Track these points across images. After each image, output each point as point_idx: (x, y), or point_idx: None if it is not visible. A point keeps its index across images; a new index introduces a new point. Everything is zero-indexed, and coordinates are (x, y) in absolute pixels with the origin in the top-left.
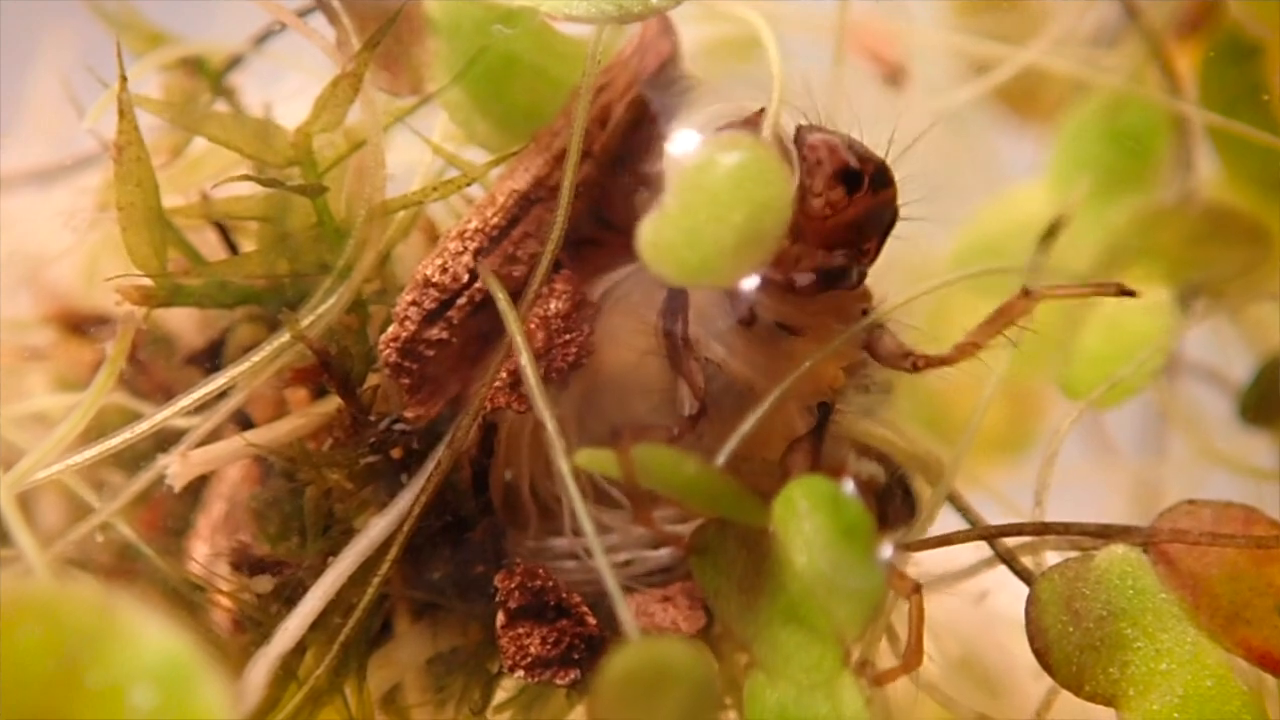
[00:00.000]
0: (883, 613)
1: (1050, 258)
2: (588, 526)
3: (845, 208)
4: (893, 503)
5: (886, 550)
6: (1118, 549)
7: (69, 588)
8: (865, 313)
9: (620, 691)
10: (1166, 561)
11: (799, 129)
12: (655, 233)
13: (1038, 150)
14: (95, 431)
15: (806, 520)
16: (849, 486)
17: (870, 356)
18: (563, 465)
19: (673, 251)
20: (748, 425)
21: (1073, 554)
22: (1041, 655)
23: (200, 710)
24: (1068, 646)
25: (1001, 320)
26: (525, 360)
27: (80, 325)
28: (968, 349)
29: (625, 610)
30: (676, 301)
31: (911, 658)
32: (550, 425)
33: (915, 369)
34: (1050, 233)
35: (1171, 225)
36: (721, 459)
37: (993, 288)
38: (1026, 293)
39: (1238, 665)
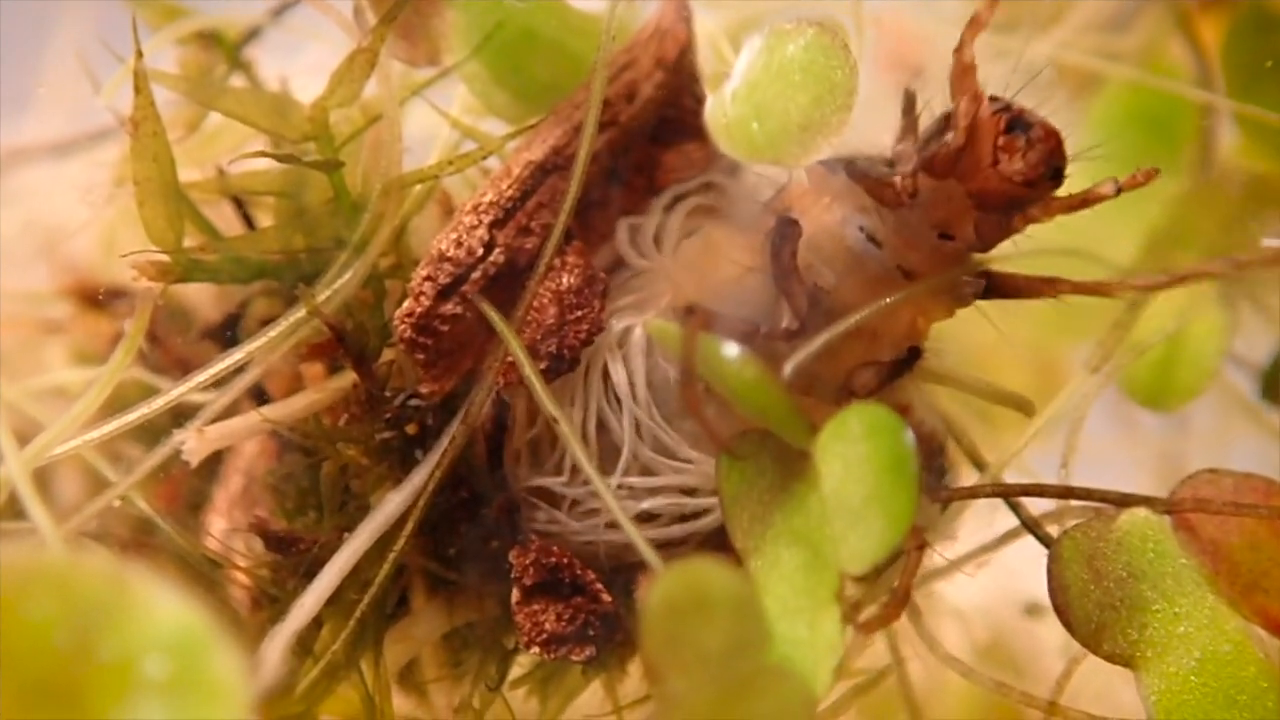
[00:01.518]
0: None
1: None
2: (610, 500)
3: (1038, 193)
4: (934, 460)
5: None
6: (1139, 512)
7: (83, 559)
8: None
9: (665, 624)
10: (1187, 528)
11: (991, 98)
12: (723, 108)
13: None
14: (113, 406)
15: (856, 444)
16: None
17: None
18: (579, 455)
19: (740, 127)
20: (824, 337)
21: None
22: (1062, 611)
23: (214, 682)
24: (1088, 604)
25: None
26: (521, 356)
27: (97, 299)
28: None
29: (649, 552)
30: (787, 226)
31: (893, 607)
32: (560, 418)
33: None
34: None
35: (1208, 209)
36: (790, 367)
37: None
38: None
39: (1255, 633)
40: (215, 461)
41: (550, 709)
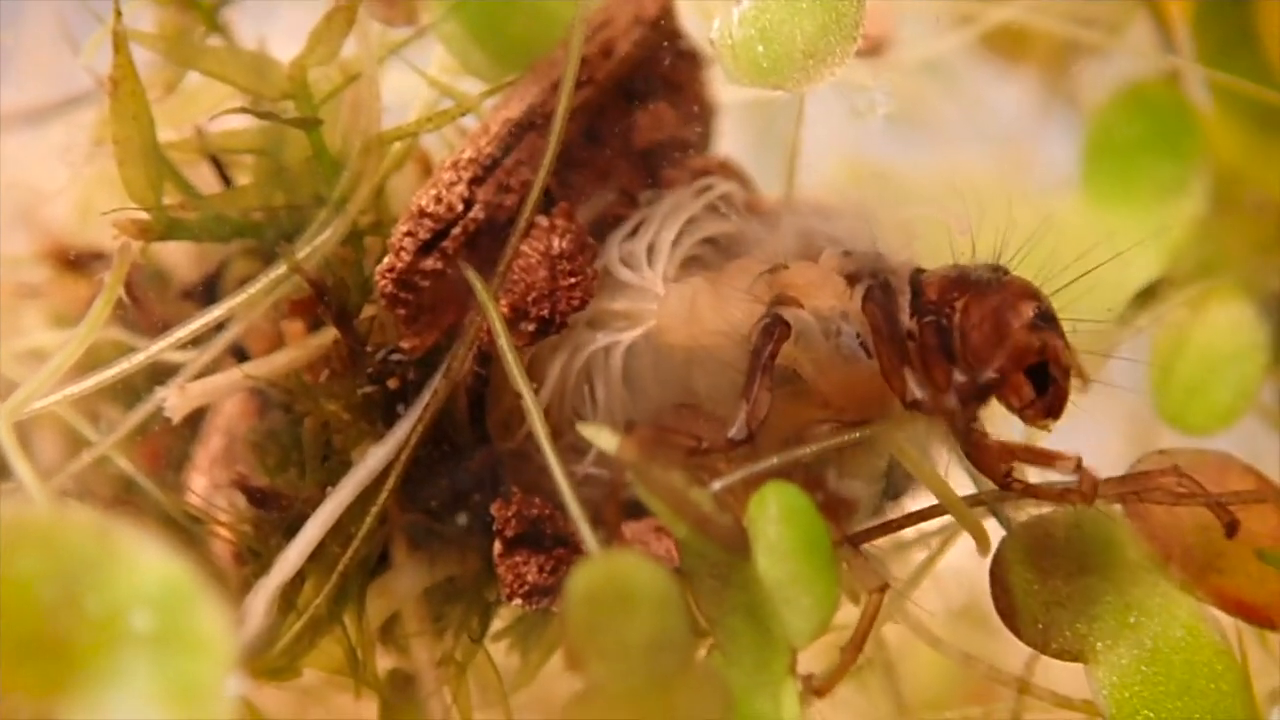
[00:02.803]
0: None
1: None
2: (555, 465)
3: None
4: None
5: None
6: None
7: (68, 515)
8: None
9: (586, 612)
10: (1138, 514)
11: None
12: (729, 30)
13: (1022, 98)
14: (93, 367)
15: (775, 525)
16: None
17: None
18: (538, 430)
19: (745, 49)
20: (763, 465)
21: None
22: (1007, 615)
23: (200, 635)
24: (1034, 604)
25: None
26: (497, 323)
27: (77, 262)
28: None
29: (588, 533)
30: (776, 326)
31: (849, 655)
32: (525, 391)
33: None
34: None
35: (1238, 231)
36: (718, 486)
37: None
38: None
39: (1211, 616)
40: (197, 421)
41: (532, 662)
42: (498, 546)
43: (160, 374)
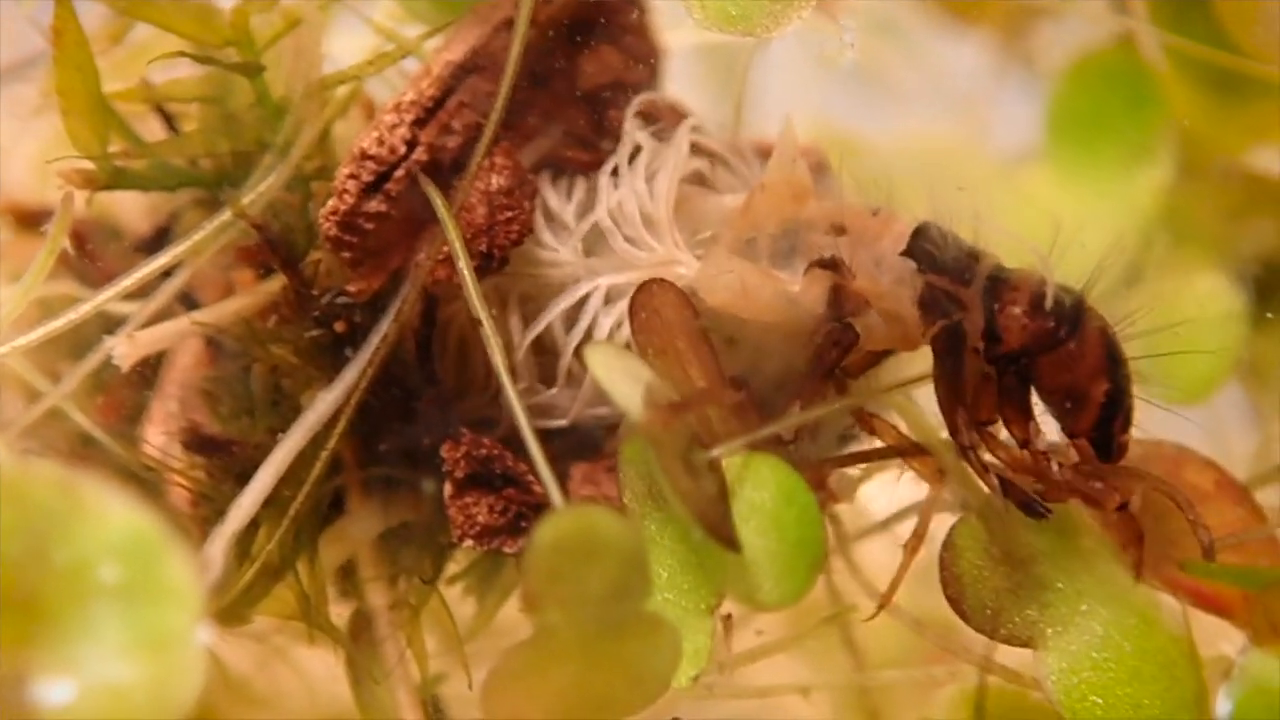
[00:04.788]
0: None
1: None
2: (513, 397)
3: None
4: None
5: None
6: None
7: (32, 469)
8: None
9: (550, 560)
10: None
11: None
12: None
13: (978, 59)
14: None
15: (754, 491)
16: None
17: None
18: (497, 360)
19: None
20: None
21: None
22: (955, 601)
23: (169, 584)
24: (983, 591)
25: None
26: (460, 253)
27: (30, 220)
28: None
29: (550, 480)
30: (846, 335)
31: (910, 553)
32: (484, 320)
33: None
34: None
35: (1207, 201)
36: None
37: None
38: None
39: (1168, 604)
40: (153, 376)
41: (487, 606)
42: (448, 488)
43: (114, 326)
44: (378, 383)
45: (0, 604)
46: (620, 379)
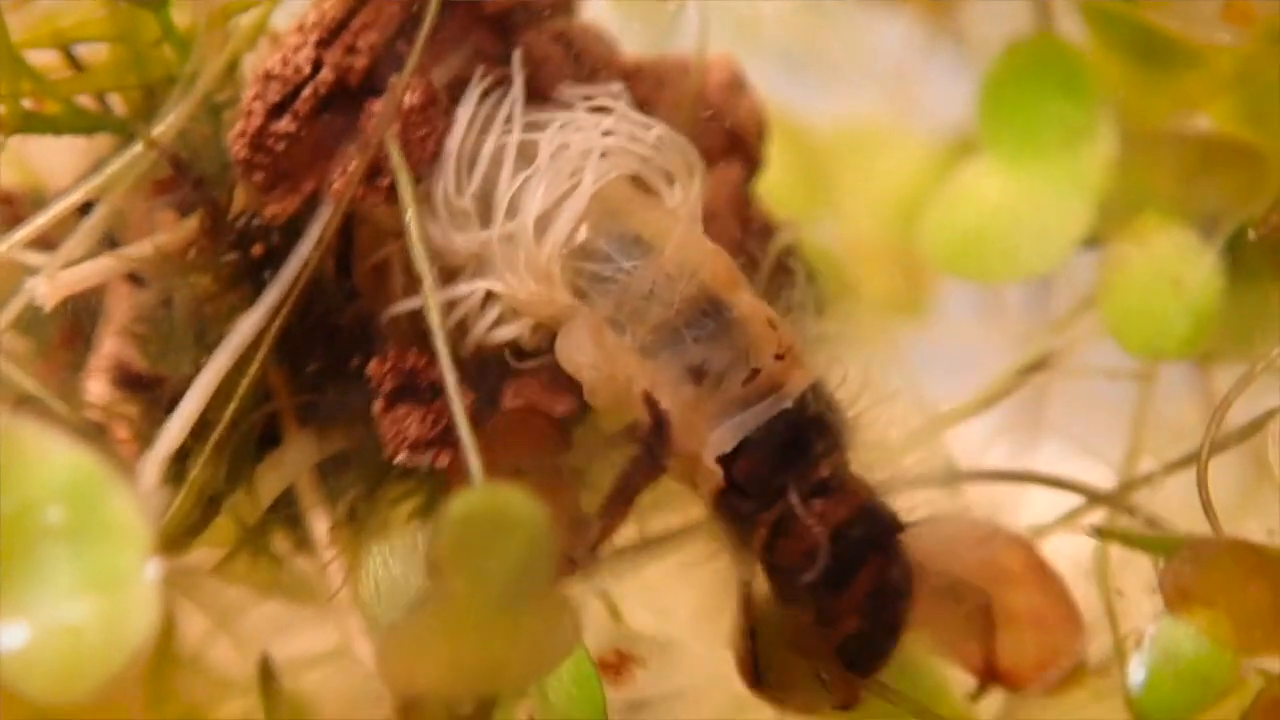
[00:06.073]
0: None
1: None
2: (433, 307)
3: None
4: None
5: None
6: None
7: None
8: None
9: (458, 532)
10: None
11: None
12: None
13: (908, 33)
14: None
15: None
16: None
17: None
18: (423, 267)
19: None
20: None
21: None
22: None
23: (115, 523)
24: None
25: None
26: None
27: None
28: None
29: (471, 446)
30: (652, 465)
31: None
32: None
33: None
34: None
35: (1160, 164)
36: None
37: None
38: None
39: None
40: (90, 336)
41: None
42: (378, 404)
43: None
44: (300, 306)
45: None
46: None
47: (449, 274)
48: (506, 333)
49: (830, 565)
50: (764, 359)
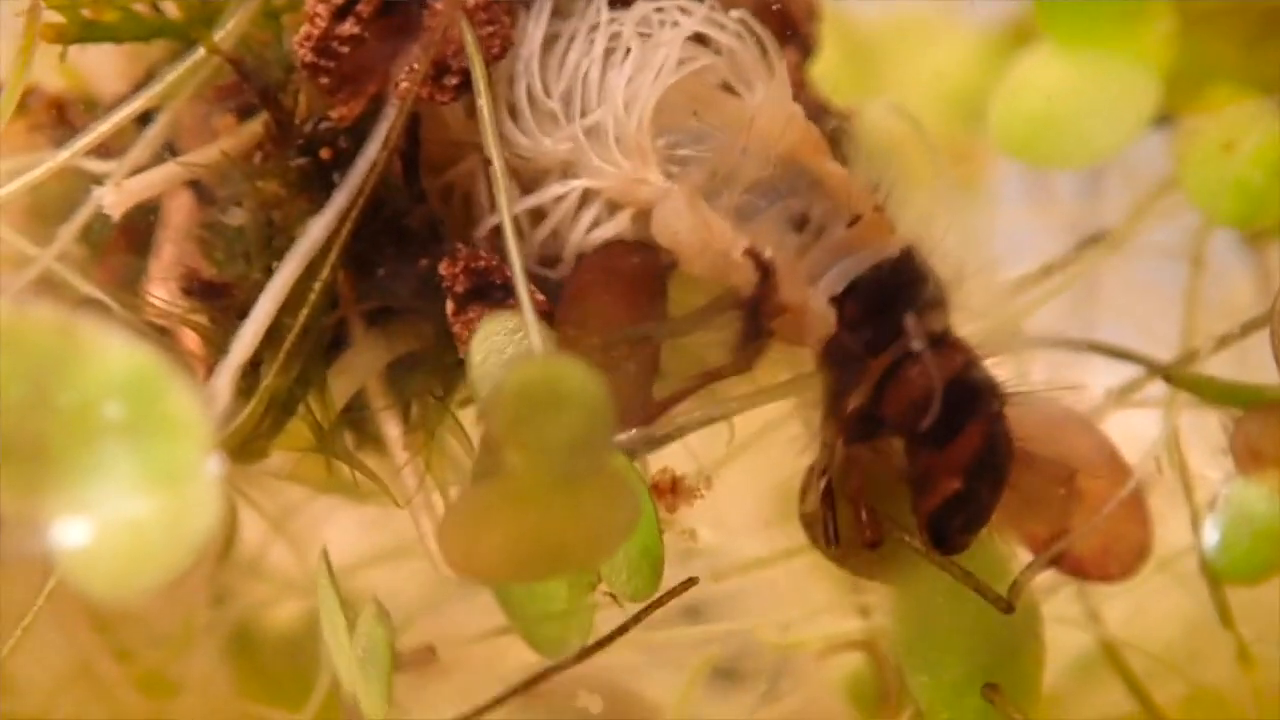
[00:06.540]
0: None
1: None
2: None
3: None
4: None
5: None
6: None
7: (28, 313)
8: None
9: (515, 405)
10: None
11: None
12: None
13: None
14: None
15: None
16: None
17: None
18: (498, 175)
19: None
20: None
21: None
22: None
23: (175, 418)
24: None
25: None
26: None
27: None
28: None
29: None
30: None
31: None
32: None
33: None
34: None
35: (1222, 34)
36: None
37: None
38: None
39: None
40: (147, 241)
41: None
42: (450, 305)
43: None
44: (368, 209)
45: (6, 451)
46: None
47: (533, 180)
48: (605, 231)
49: (939, 419)
50: (864, 209)
